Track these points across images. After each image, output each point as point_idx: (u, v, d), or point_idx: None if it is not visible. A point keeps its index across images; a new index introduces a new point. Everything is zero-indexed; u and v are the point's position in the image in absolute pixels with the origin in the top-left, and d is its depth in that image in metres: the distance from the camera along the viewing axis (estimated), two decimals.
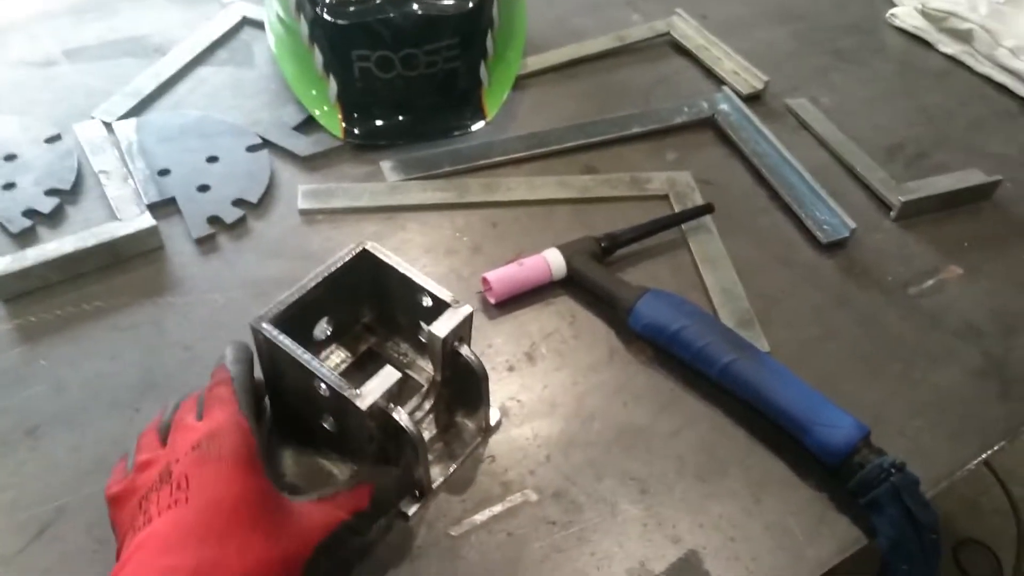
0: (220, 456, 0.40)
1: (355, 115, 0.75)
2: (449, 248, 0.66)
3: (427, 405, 0.52)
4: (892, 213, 0.72)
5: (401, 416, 0.45)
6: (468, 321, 0.49)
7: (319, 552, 0.40)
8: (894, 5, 0.99)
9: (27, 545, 0.46)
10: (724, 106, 0.81)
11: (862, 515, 0.51)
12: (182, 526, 0.37)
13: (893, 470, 0.49)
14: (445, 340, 0.48)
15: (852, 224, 0.68)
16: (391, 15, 0.70)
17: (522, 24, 0.86)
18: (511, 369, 0.58)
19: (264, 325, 0.46)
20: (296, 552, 0.40)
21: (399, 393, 0.45)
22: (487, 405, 0.52)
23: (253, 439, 0.41)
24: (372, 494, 0.44)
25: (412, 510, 0.49)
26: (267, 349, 0.46)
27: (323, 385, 0.44)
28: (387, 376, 0.44)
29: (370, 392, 0.43)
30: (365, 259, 0.52)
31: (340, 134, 0.74)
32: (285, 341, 0.45)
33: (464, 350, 0.49)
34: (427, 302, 0.51)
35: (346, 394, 0.43)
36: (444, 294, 0.49)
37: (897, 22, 0.97)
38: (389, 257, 0.51)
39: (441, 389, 0.51)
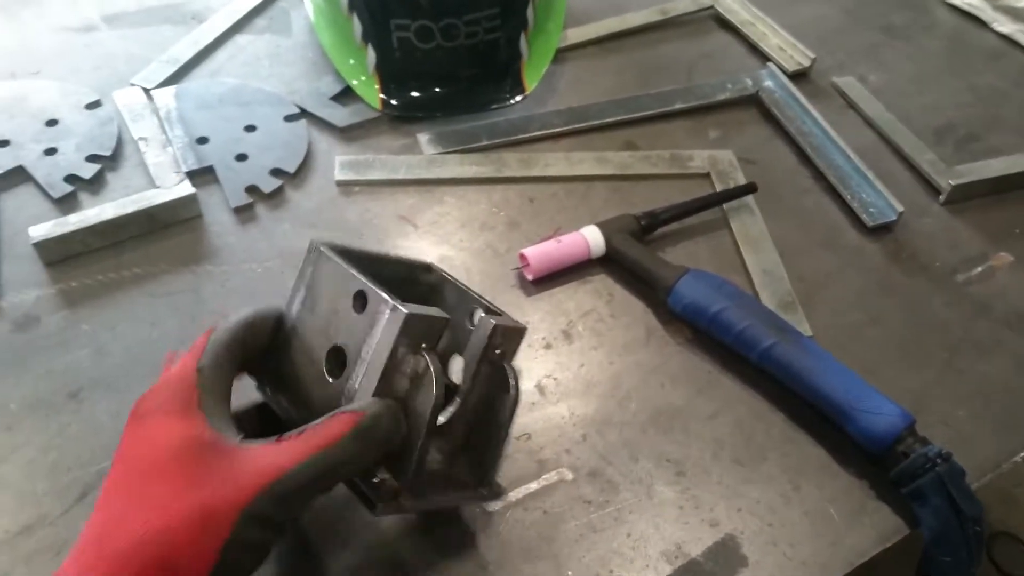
0: (146, 411, 0.37)
1: (393, 86, 0.74)
2: (485, 223, 0.66)
3: (449, 410, 0.44)
4: (941, 197, 0.70)
5: (432, 358, 0.39)
6: (519, 335, 0.45)
7: (265, 499, 0.34)
8: None
9: (70, 507, 0.47)
10: (769, 83, 0.79)
11: (904, 504, 0.50)
12: (107, 488, 0.36)
13: (939, 460, 0.48)
14: (493, 333, 0.43)
15: (899, 207, 0.67)
16: None
17: None
18: (548, 347, 0.57)
19: (323, 246, 0.42)
20: (226, 499, 0.34)
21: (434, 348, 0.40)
22: (499, 454, 0.45)
23: (194, 391, 0.37)
24: (358, 423, 0.36)
25: (379, 507, 0.39)
26: (312, 272, 0.42)
27: (363, 294, 0.39)
28: (434, 310, 0.40)
29: (414, 308, 0.39)
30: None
31: (377, 105, 0.74)
32: (340, 262, 0.41)
33: (506, 364, 0.44)
34: (476, 318, 0.46)
35: (388, 298, 0.38)
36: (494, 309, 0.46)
37: None
38: (447, 274, 0.48)
39: (459, 409, 0.44)
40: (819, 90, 0.81)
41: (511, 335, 0.45)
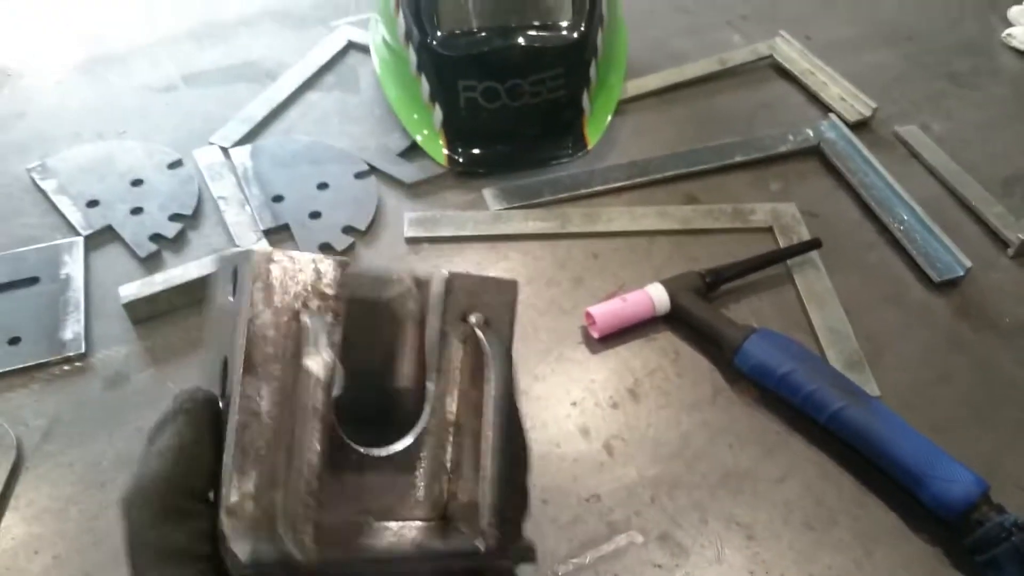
0: None
1: (458, 143, 0.76)
2: (551, 279, 0.67)
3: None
4: (1010, 250, 0.70)
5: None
6: (507, 291, 0.33)
7: None
8: (1010, 24, 0.95)
9: None
10: (830, 134, 0.79)
11: (979, 572, 0.49)
12: None
13: (1015, 530, 0.48)
14: (451, 285, 0.32)
15: (967, 262, 0.66)
16: (500, 47, 0.71)
17: (623, 49, 0.86)
18: (615, 406, 0.58)
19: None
20: None
21: None
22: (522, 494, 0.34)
23: None
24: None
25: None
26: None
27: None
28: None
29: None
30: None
31: (443, 160, 0.76)
32: None
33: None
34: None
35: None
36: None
37: (1014, 43, 0.93)
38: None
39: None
40: (881, 140, 0.81)
41: (487, 289, 0.33)
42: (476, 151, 0.76)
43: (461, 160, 0.76)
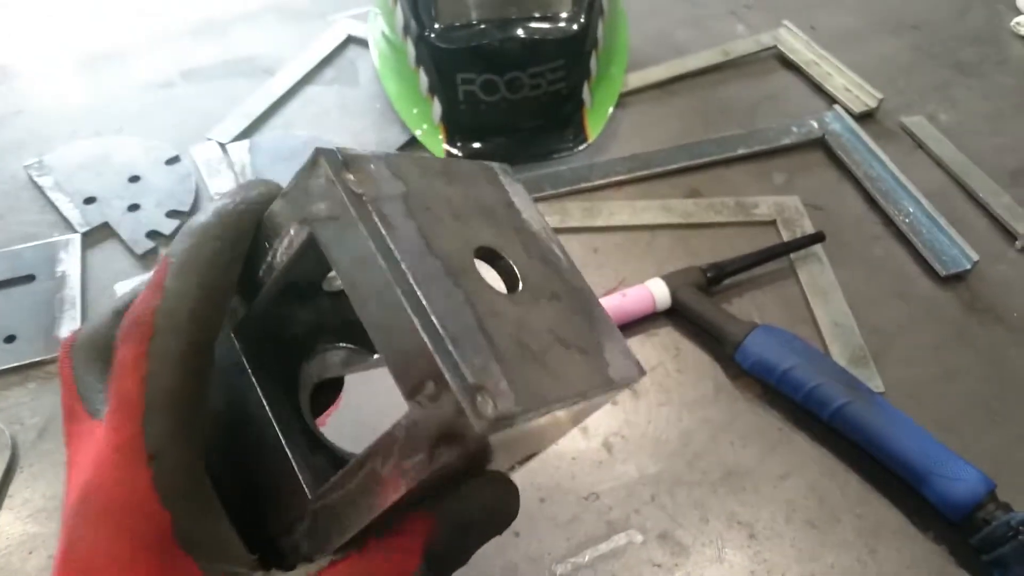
0: (94, 554, 0.23)
1: (457, 136, 0.75)
2: None
3: None
4: (1018, 243, 0.68)
5: None
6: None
7: None
8: (1020, 12, 0.94)
9: None
10: (835, 126, 0.78)
11: (986, 571, 0.48)
12: None
13: (1022, 528, 0.47)
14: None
15: (974, 256, 0.65)
16: (498, 39, 0.70)
17: (624, 40, 0.85)
18: (614, 403, 0.58)
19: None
20: None
21: None
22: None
23: (158, 520, 0.23)
24: (433, 534, 0.24)
25: None
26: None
27: None
28: None
29: None
30: None
31: (442, 155, 0.75)
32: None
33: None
34: None
35: None
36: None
37: (1023, 31, 0.92)
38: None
39: None
40: (887, 131, 0.79)
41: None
42: (475, 145, 0.75)
43: (460, 154, 0.75)
